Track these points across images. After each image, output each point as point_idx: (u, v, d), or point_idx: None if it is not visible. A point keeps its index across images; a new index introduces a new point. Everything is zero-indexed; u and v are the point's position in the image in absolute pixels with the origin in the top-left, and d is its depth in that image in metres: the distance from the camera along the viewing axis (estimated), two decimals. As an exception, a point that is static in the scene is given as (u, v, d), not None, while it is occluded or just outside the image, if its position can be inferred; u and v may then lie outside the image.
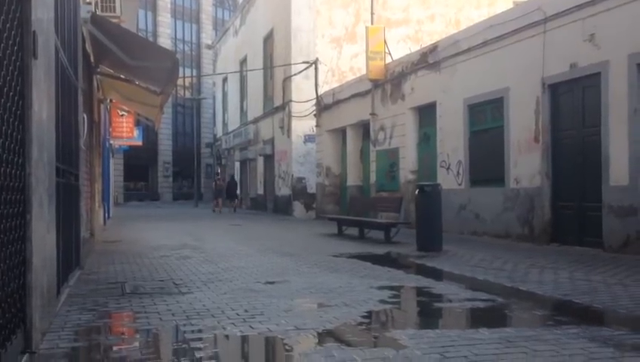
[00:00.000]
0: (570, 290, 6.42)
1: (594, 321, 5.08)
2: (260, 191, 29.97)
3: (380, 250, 10.93)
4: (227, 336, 4.63)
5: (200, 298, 6.09)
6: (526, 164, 11.69)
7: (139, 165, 49.13)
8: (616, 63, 9.61)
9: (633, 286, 6.54)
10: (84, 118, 9.48)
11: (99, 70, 12.85)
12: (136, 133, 24.61)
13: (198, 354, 4.05)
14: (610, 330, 4.70)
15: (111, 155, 25.49)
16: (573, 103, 10.78)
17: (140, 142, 27.16)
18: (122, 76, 13.52)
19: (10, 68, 3.56)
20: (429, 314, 5.81)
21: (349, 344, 4.34)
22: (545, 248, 10.61)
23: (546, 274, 7.59)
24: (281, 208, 25.72)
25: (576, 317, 5.21)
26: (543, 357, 3.91)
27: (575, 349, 4.11)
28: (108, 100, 18.03)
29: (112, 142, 23.66)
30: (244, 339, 4.59)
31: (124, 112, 21.91)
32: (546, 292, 6.36)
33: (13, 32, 3.64)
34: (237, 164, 35.11)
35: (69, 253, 6.83)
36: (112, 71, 13.37)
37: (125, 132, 23.05)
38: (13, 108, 3.63)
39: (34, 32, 4.04)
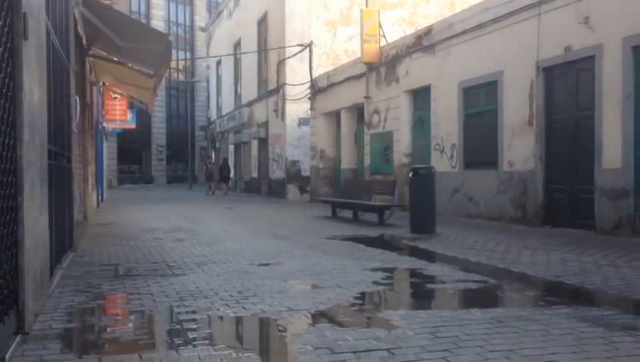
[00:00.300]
0: (562, 271, 6.47)
1: (584, 302, 5.14)
2: (254, 174, 29.95)
3: (374, 232, 10.97)
4: (220, 317, 4.65)
5: (193, 280, 6.11)
6: (520, 147, 11.71)
7: (132, 148, 48.93)
8: (611, 46, 9.60)
9: (624, 268, 6.60)
10: (76, 100, 9.42)
11: (91, 52, 12.75)
12: (129, 116, 24.48)
13: (191, 335, 4.08)
14: (600, 310, 4.75)
15: (104, 138, 25.39)
16: (567, 87, 10.78)
17: (133, 125, 27.04)
18: (115, 59, 13.42)
19: (0, 49, 3.53)
20: (421, 295, 5.85)
21: (341, 324, 4.37)
22: (537, 230, 10.67)
23: (538, 255, 7.64)
24: (275, 191, 25.73)
25: (567, 298, 5.26)
26: (534, 337, 3.95)
27: (565, 329, 4.15)
28: (101, 83, 17.91)
29: (105, 125, 23.54)
30: (238, 320, 4.61)
31: (117, 95, 21.78)
32: (538, 274, 6.42)
33: (3, 14, 3.61)
34: (231, 147, 35.04)
35: (62, 235, 6.83)
36: (104, 53, 13.27)
37: (118, 115, 22.92)
38: (4, 90, 3.61)
39: (24, 13, 4.00)
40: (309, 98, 22.83)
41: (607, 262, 7.04)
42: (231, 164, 33.55)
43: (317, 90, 22.08)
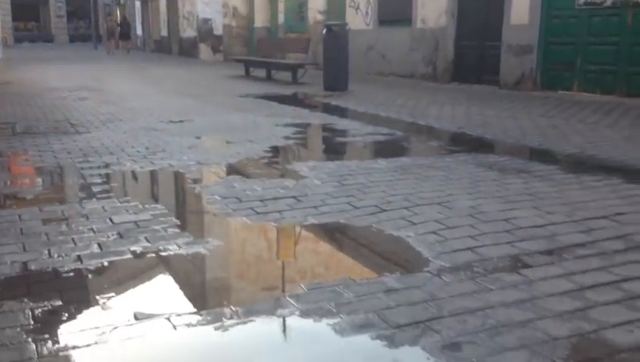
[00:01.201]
0: (465, 123, 6.73)
1: (483, 149, 5.38)
2: (164, 32, 28.48)
3: (287, 90, 10.89)
4: (126, 172, 4.57)
5: (98, 137, 5.91)
6: (433, 3, 11.61)
7: (28, 4, 44.98)
8: None
9: (522, 119, 6.93)
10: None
11: None
12: (19, -35, 22.16)
13: (95, 189, 4.00)
14: (497, 157, 5.02)
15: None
16: (483, -61, 10.58)
17: (25, -23, 24.59)
18: None
19: None
20: (330, 148, 5.95)
21: (250, 176, 4.41)
22: (446, 87, 10.93)
23: (445, 110, 7.88)
24: (186, 51, 24.72)
25: (467, 147, 5.50)
26: (433, 181, 4.14)
27: (463, 173, 4.37)
28: None
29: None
30: (144, 174, 4.55)
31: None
32: (443, 126, 6.64)
33: None
34: (137, 4, 32.83)
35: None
36: None
37: (6, -36, 20.68)
38: None
39: None
40: (219, -51, 21.38)
41: (508, 114, 7.36)
42: (138, 22, 31.64)
43: (227, -60, 20.64)
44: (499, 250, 2.84)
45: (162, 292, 2.59)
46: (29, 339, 2.03)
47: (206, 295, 2.63)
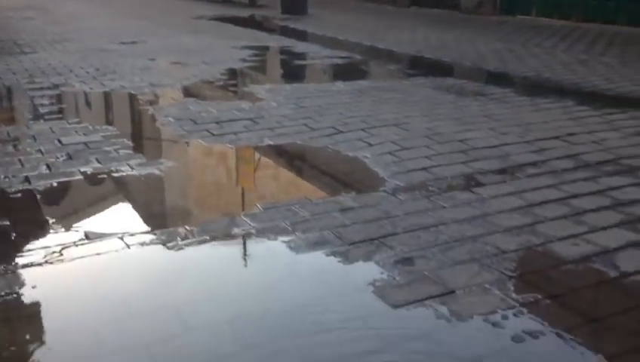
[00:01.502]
0: (424, 47, 6.67)
1: (441, 73, 5.35)
2: (114, -50, 27.04)
3: (244, 12, 10.58)
4: (76, 93, 4.41)
5: (45, 57, 5.67)
6: None
7: None
8: None
9: (480, 43, 6.90)
10: None
11: None
12: None
13: (42, 110, 3.85)
14: (454, 80, 5.02)
15: None
16: None
17: None
18: None
19: None
20: (288, 71, 5.85)
21: (205, 98, 4.31)
22: (406, 11, 10.76)
23: (404, 33, 7.77)
24: (138, -30, 23.58)
25: (425, 70, 5.46)
26: (391, 104, 4.12)
27: (421, 96, 4.36)
28: None
29: None
30: (95, 95, 4.40)
31: None
32: (401, 50, 6.57)
33: None
34: None
35: None
36: None
37: None
38: None
39: None
40: None
41: (466, 38, 7.31)
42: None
43: None
44: (453, 169, 2.87)
45: (115, 212, 2.55)
46: (-23, 259, 1.98)
47: (160, 215, 2.60)
